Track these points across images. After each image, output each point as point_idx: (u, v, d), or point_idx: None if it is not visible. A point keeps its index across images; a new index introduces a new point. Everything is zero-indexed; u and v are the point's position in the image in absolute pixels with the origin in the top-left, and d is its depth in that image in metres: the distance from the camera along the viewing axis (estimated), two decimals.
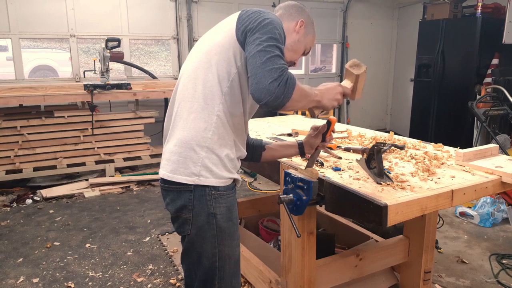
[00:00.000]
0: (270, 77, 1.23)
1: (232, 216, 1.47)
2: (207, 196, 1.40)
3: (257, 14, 1.35)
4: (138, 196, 4.26)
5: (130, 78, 5.40)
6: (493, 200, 3.65)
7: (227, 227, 1.44)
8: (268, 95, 1.24)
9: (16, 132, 4.28)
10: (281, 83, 1.24)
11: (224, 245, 1.44)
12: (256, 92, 1.26)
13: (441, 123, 5.71)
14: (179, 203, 1.42)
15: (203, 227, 1.41)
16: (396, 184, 1.52)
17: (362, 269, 2.13)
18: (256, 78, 1.25)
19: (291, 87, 1.26)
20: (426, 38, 5.80)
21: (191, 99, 1.40)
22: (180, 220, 1.45)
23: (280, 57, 1.28)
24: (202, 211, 1.40)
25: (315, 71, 7.65)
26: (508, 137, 4.37)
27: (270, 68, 1.24)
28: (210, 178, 1.39)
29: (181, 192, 1.41)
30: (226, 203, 1.43)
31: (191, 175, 1.38)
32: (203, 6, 5.73)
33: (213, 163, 1.39)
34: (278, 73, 1.24)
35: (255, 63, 1.26)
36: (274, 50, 1.27)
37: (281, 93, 1.24)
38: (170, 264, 2.89)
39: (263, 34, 1.30)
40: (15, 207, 3.94)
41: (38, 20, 4.80)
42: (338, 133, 2.49)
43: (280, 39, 1.32)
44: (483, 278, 2.73)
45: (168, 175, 1.42)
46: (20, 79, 4.87)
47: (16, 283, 2.66)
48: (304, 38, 1.56)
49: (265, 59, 1.25)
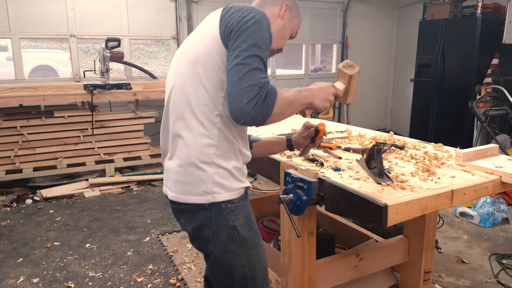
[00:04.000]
0: (246, 96, 1.16)
1: (252, 225, 1.43)
2: (223, 211, 1.34)
3: (239, 13, 1.25)
4: (138, 196, 4.26)
5: (130, 78, 5.40)
6: (493, 200, 3.65)
7: (250, 236, 1.40)
8: (244, 116, 1.17)
9: (16, 132, 4.28)
10: (258, 102, 1.16)
11: (250, 255, 1.40)
12: (232, 113, 1.19)
13: (441, 123, 5.71)
14: (196, 222, 1.36)
15: (226, 242, 1.36)
16: (396, 184, 1.52)
17: (362, 269, 2.13)
18: (232, 97, 1.18)
19: (271, 104, 1.19)
20: (426, 38, 5.80)
21: (187, 116, 1.32)
22: (200, 239, 1.39)
23: (259, 70, 1.19)
24: (221, 226, 1.35)
25: (315, 71, 7.65)
26: (508, 137, 4.37)
27: (246, 86, 1.16)
28: (223, 193, 1.33)
29: (196, 211, 1.35)
30: (243, 213, 1.39)
31: (204, 194, 1.32)
32: (203, 6, 5.73)
33: (223, 177, 1.33)
34: (255, 91, 1.16)
35: (231, 79, 1.19)
36: (253, 61, 1.18)
37: (259, 112, 1.17)
38: (170, 264, 2.89)
39: (243, 41, 1.20)
40: (15, 207, 3.94)
41: (38, 20, 4.80)
42: (338, 133, 2.49)
43: (264, 43, 1.22)
44: (483, 278, 2.73)
45: (180, 197, 1.36)
46: (20, 79, 4.87)
47: (16, 283, 2.66)
48: (290, 23, 1.48)
49: (241, 74, 1.17)
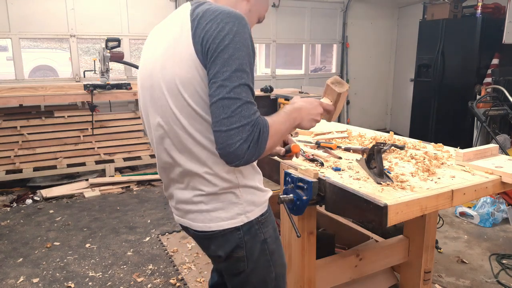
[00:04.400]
0: (237, 138, 1.05)
1: (277, 235, 1.40)
2: (255, 225, 1.28)
3: (214, 25, 1.09)
4: (138, 196, 4.26)
5: (130, 78, 5.40)
6: (493, 200, 3.65)
7: (276, 247, 1.38)
8: (237, 159, 1.07)
9: (16, 132, 4.28)
10: (251, 143, 1.06)
11: (277, 266, 1.38)
12: (222, 155, 1.09)
13: (441, 123, 5.71)
14: (229, 246, 1.27)
15: (258, 258, 1.31)
16: (396, 184, 1.52)
17: (362, 269, 2.13)
18: (221, 139, 1.06)
19: (264, 142, 1.10)
20: (426, 38, 5.80)
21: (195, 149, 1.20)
22: (232, 260, 1.31)
23: (249, 103, 1.07)
24: (255, 243, 1.30)
25: (315, 71, 7.65)
26: (508, 137, 4.37)
27: (237, 127, 1.05)
28: (255, 210, 1.28)
29: (227, 235, 1.26)
30: (271, 223, 1.36)
31: (237, 216, 1.25)
32: None
33: (252, 194, 1.28)
34: (247, 131, 1.05)
35: (218, 116, 1.06)
36: (241, 93, 1.06)
37: (252, 154, 1.08)
38: (170, 264, 2.89)
39: (224, 65, 1.06)
40: (15, 207, 3.94)
41: (38, 20, 4.80)
42: (338, 133, 2.49)
43: (248, 62, 1.10)
44: (483, 278, 2.73)
45: (210, 226, 1.25)
46: (20, 79, 4.87)
47: (16, 283, 2.66)
48: (257, 7, 1.36)
49: (230, 112, 1.05)
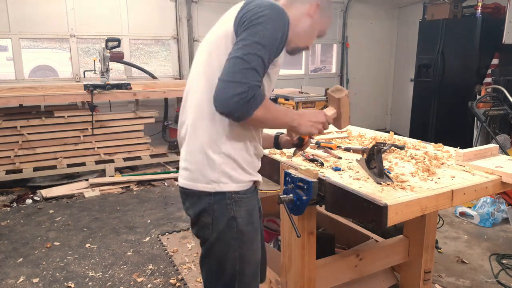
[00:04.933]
0: (232, 90, 1.17)
1: (253, 220, 1.44)
2: (227, 200, 1.36)
3: (257, 8, 1.25)
4: (138, 196, 4.26)
5: (130, 78, 5.40)
6: (493, 200, 3.65)
7: (248, 231, 1.41)
8: (225, 107, 1.20)
9: (16, 132, 4.28)
10: (241, 100, 1.17)
11: (245, 248, 1.41)
12: (215, 100, 1.21)
13: (441, 123, 5.70)
14: (198, 207, 1.39)
15: (224, 231, 1.38)
16: (396, 184, 1.52)
17: (362, 269, 2.13)
18: (221, 85, 1.20)
19: (253, 107, 1.20)
20: (426, 38, 5.80)
21: (202, 103, 1.34)
22: (200, 224, 1.42)
23: (255, 71, 1.19)
24: (222, 215, 1.37)
25: (315, 71, 7.65)
26: (508, 137, 4.36)
27: (237, 81, 1.17)
28: (229, 184, 1.35)
29: (201, 197, 1.38)
30: (246, 206, 1.40)
31: (210, 183, 1.35)
32: (203, 6, 5.73)
33: (231, 168, 1.35)
34: (243, 88, 1.17)
35: (227, 68, 1.20)
36: (253, 61, 1.19)
37: (238, 110, 1.19)
38: (170, 264, 2.89)
39: (250, 35, 1.21)
40: (15, 207, 3.94)
41: (38, 20, 4.80)
42: (338, 133, 2.49)
43: (270, 42, 1.22)
44: (483, 278, 2.73)
45: (187, 184, 1.39)
46: (20, 79, 4.87)
47: (16, 283, 2.66)
48: (319, 22, 1.45)
49: (237, 69, 1.18)
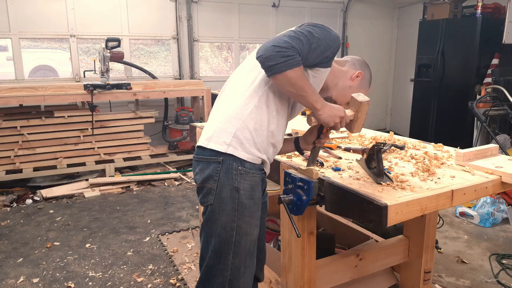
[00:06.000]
0: (277, 43, 1.31)
1: (255, 195, 1.50)
2: (233, 170, 1.44)
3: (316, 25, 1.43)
4: (138, 196, 4.26)
5: (130, 78, 5.40)
6: (493, 200, 3.65)
7: (249, 204, 1.48)
8: (263, 51, 1.32)
9: (16, 132, 4.28)
10: (280, 52, 1.30)
11: (243, 221, 1.47)
12: (259, 48, 1.36)
13: (441, 123, 5.70)
14: (206, 173, 1.47)
15: (226, 199, 1.46)
16: (396, 184, 1.52)
17: (362, 269, 2.13)
18: (269, 39, 1.36)
19: (287, 65, 1.31)
20: (426, 38, 5.80)
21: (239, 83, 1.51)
22: (205, 190, 1.49)
23: (301, 42, 1.33)
24: (226, 183, 1.45)
25: None
26: (508, 137, 4.36)
27: (285, 40, 1.31)
28: (239, 151, 1.44)
29: (210, 163, 1.47)
30: (250, 181, 1.47)
31: (223, 144, 1.44)
32: (203, 6, 5.72)
33: (245, 137, 1.44)
34: (287, 47, 1.30)
35: (279, 34, 1.39)
36: (302, 37, 1.33)
37: (274, 58, 1.30)
38: (170, 264, 2.89)
39: (306, 27, 1.39)
40: (15, 207, 3.94)
41: (38, 20, 4.80)
42: (338, 133, 2.49)
43: (319, 40, 1.37)
44: (483, 278, 2.73)
45: (203, 142, 1.49)
46: (20, 79, 4.87)
47: (16, 283, 2.66)
48: (357, 87, 1.62)
49: (288, 35, 1.34)
